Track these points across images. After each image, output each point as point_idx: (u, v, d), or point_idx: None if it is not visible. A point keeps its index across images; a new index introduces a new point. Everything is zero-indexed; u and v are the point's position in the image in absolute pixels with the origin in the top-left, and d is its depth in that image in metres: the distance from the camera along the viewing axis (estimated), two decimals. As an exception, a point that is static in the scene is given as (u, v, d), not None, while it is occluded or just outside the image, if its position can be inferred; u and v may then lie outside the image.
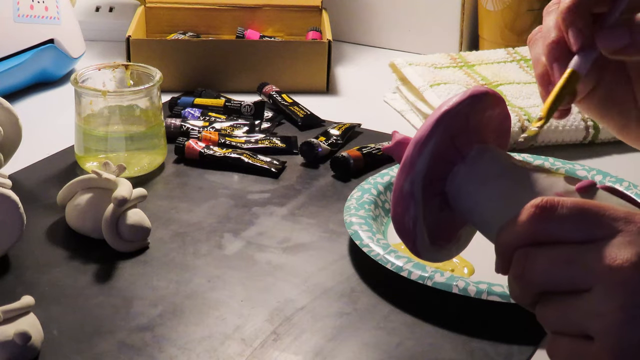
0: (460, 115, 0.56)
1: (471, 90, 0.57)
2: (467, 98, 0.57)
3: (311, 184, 0.98)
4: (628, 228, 0.49)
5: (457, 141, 0.57)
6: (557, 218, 0.50)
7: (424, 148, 0.55)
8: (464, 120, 0.57)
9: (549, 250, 0.50)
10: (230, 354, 0.70)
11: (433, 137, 0.55)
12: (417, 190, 0.55)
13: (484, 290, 0.73)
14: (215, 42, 1.24)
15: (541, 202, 0.51)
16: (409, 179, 0.55)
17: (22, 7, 1.17)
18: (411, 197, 0.55)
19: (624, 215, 0.50)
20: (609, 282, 0.49)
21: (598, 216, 0.50)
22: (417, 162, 0.55)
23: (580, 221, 0.50)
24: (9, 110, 0.94)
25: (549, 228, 0.51)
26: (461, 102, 0.56)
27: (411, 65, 1.18)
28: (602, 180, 0.91)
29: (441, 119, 0.56)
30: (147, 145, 0.99)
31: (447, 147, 0.56)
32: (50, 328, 0.71)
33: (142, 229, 0.84)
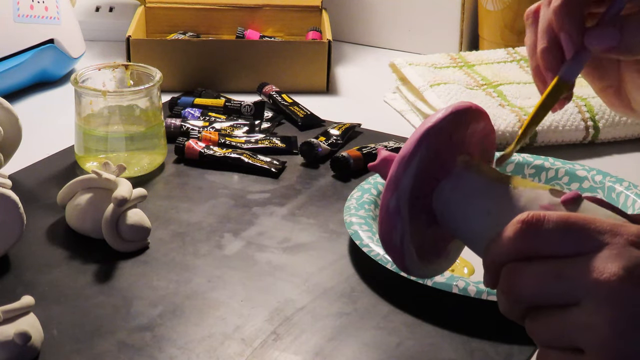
0: (443, 131, 0.57)
1: (453, 106, 0.57)
2: (449, 114, 0.57)
3: (311, 184, 0.98)
4: (614, 240, 0.49)
5: (441, 157, 0.57)
6: (543, 233, 0.50)
7: (407, 166, 0.56)
8: (447, 136, 0.57)
9: (537, 265, 0.50)
10: (230, 354, 0.70)
11: (417, 155, 0.56)
12: (403, 208, 0.56)
13: (484, 290, 0.73)
14: (215, 42, 1.24)
15: (527, 217, 0.51)
16: (395, 196, 0.56)
17: (22, 7, 1.17)
18: (397, 214, 0.56)
19: (609, 227, 0.50)
20: (598, 295, 0.48)
21: (584, 229, 0.50)
22: (401, 180, 0.56)
23: (566, 235, 0.50)
24: (9, 110, 0.94)
25: (535, 243, 0.50)
26: (443, 119, 0.56)
27: (411, 65, 1.18)
28: (602, 180, 0.91)
29: (424, 136, 0.56)
30: (147, 145, 0.99)
31: (431, 164, 0.56)
32: (50, 328, 0.71)
33: (142, 229, 0.84)
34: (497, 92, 1.14)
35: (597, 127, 1.07)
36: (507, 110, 1.08)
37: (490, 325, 0.73)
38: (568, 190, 0.92)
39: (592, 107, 1.08)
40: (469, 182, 0.57)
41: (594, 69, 0.67)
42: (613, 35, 0.60)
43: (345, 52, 1.41)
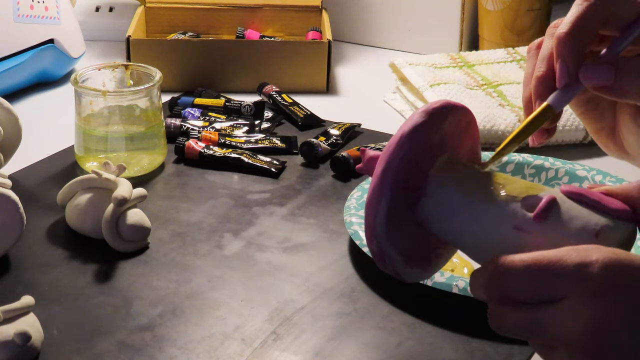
0: (418, 138, 0.57)
1: (426, 108, 0.57)
2: (418, 124, 0.57)
3: (311, 184, 0.98)
4: (578, 290, 0.50)
5: (422, 164, 0.57)
6: (510, 283, 0.52)
7: (385, 181, 0.56)
8: (424, 141, 0.57)
9: (513, 312, 0.52)
10: (230, 354, 0.70)
11: (392, 169, 0.56)
12: (381, 226, 0.56)
13: None
14: (215, 42, 1.24)
15: (493, 269, 0.52)
16: (376, 216, 0.56)
17: (22, 7, 1.17)
18: (381, 231, 0.56)
19: (574, 268, 0.50)
20: (570, 348, 0.51)
21: (547, 276, 0.51)
22: (382, 199, 0.56)
23: (531, 283, 0.51)
24: (9, 110, 0.94)
25: (506, 293, 0.52)
26: (415, 128, 0.56)
27: (411, 65, 1.18)
28: (602, 180, 0.91)
29: (398, 149, 0.56)
30: (147, 145, 0.99)
31: (410, 174, 0.57)
32: (50, 328, 0.71)
33: (142, 229, 0.84)
34: (497, 92, 1.14)
35: (597, 127, 1.07)
36: (507, 110, 1.08)
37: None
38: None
39: (592, 107, 1.08)
40: (442, 197, 0.57)
41: (590, 109, 0.67)
42: (608, 73, 0.60)
43: (345, 52, 1.41)
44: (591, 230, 0.53)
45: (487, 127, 1.04)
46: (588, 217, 0.53)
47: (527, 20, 1.30)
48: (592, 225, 0.53)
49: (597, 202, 0.54)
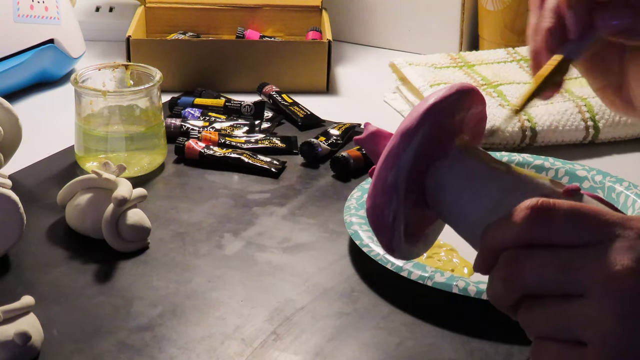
0: (447, 110, 0.55)
1: (458, 86, 0.56)
2: (455, 93, 0.55)
3: (311, 184, 0.98)
4: (625, 233, 0.48)
5: (442, 136, 0.55)
6: (553, 221, 0.49)
7: (411, 140, 0.54)
8: (450, 115, 0.56)
9: (543, 253, 0.49)
10: (230, 354, 0.70)
11: (420, 129, 0.54)
12: (400, 184, 0.54)
13: (484, 290, 0.73)
14: (215, 42, 1.24)
15: (537, 203, 0.49)
16: (394, 171, 0.54)
17: (22, 7, 1.17)
18: (394, 190, 0.54)
19: (619, 219, 0.49)
20: (606, 288, 0.47)
21: (595, 220, 0.49)
22: (402, 155, 0.54)
23: (576, 224, 0.49)
24: (9, 110, 0.94)
25: (544, 231, 0.49)
26: (449, 96, 0.55)
27: (411, 65, 1.18)
28: (602, 180, 0.91)
29: (429, 111, 0.54)
30: (147, 145, 0.99)
31: (432, 141, 0.55)
32: (50, 328, 0.71)
33: (142, 229, 0.84)
34: (497, 92, 1.14)
35: (597, 127, 1.07)
36: (507, 110, 1.08)
37: (490, 325, 0.73)
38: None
39: (592, 107, 1.08)
40: (467, 164, 0.55)
41: (596, 65, 0.66)
42: (627, 14, 0.58)
43: (345, 52, 1.41)
44: None
45: (487, 127, 1.04)
46: (608, 209, 0.52)
47: (527, 20, 1.30)
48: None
49: (615, 207, 0.53)
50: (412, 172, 0.54)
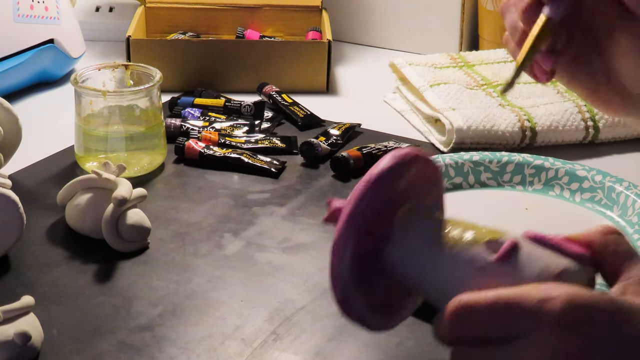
0: (382, 188, 0.58)
1: (390, 159, 0.59)
2: (387, 170, 0.58)
3: (311, 184, 0.98)
4: (540, 325, 0.50)
5: (385, 212, 0.59)
6: (473, 321, 0.52)
7: (349, 234, 0.57)
8: (387, 190, 0.58)
9: (477, 352, 0.52)
10: (230, 354, 0.70)
11: (357, 215, 0.57)
12: (345, 274, 0.57)
13: None
14: (215, 42, 1.25)
15: (457, 306, 0.52)
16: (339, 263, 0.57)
17: (22, 7, 1.17)
18: (340, 278, 0.57)
19: (536, 303, 0.50)
20: None
21: (509, 312, 0.51)
22: (344, 248, 0.57)
23: (494, 321, 0.51)
24: (9, 110, 0.94)
25: (469, 331, 0.52)
26: (380, 176, 0.58)
27: (411, 65, 1.18)
28: (602, 180, 0.91)
29: (363, 196, 0.57)
30: (147, 145, 0.99)
31: (375, 222, 0.58)
32: (50, 328, 0.71)
33: (142, 229, 0.84)
34: (497, 92, 1.14)
35: (597, 127, 1.07)
36: (507, 110, 1.08)
37: (490, 325, 0.73)
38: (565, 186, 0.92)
39: (592, 107, 1.08)
40: (409, 247, 0.58)
41: (579, 68, 0.69)
42: None
43: (345, 52, 1.41)
44: (552, 272, 0.54)
45: (487, 127, 1.04)
46: (549, 260, 0.55)
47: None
48: (552, 267, 0.54)
49: (558, 245, 0.55)
50: (360, 257, 0.58)
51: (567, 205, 0.91)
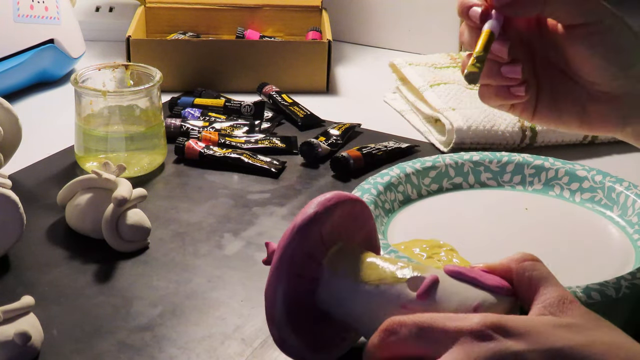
0: (307, 233, 0.62)
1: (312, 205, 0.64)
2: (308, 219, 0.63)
3: (311, 184, 0.98)
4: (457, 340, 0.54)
5: (313, 255, 0.63)
6: (401, 339, 0.57)
7: (278, 273, 0.62)
8: (313, 235, 0.63)
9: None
10: (230, 354, 0.70)
11: (285, 261, 0.62)
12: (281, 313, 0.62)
13: None
14: (215, 42, 1.25)
15: (387, 326, 0.57)
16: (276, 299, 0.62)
17: (22, 7, 1.17)
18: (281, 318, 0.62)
19: (455, 323, 0.55)
20: None
21: (433, 331, 0.56)
22: (277, 288, 0.62)
23: (419, 339, 0.56)
24: (9, 110, 0.94)
25: (397, 348, 0.57)
26: (305, 222, 0.63)
27: (411, 65, 1.18)
28: (602, 180, 0.91)
29: (290, 242, 0.62)
30: (147, 145, 0.99)
31: (304, 265, 0.62)
32: (50, 328, 0.71)
33: (142, 229, 0.84)
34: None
35: (597, 127, 1.07)
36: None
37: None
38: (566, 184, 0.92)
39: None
40: (338, 287, 0.63)
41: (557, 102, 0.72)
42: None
43: (345, 52, 1.41)
44: (469, 305, 0.58)
45: (487, 127, 1.04)
46: (467, 293, 0.59)
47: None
48: (469, 301, 0.58)
49: (475, 279, 0.59)
50: (293, 299, 0.62)
51: (567, 205, 0.91)
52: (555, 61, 0.72)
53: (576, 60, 0.70)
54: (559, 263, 0.81)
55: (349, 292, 0.63)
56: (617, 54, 0.69)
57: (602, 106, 0.71)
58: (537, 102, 0.72)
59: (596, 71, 0.69)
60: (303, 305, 0.63)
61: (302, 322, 0.63)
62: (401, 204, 0.90)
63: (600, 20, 0.68)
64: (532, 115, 0.73)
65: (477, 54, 0.66)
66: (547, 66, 0.72)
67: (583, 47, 0.68)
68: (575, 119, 0.72)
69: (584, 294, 0.72)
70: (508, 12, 0.69)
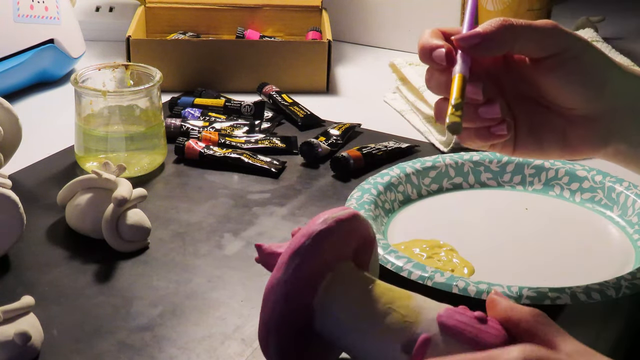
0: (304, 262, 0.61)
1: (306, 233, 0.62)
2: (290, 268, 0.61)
3: (311, 184, 0.98)
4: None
5: (310, 283, 0.62)
6: None
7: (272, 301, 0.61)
8: (309, 264, 0.61)
9: None
10: (230, 354, 0.70)
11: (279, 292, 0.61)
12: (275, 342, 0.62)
13: (484, 290, 0.73)
14: (215, 42, 1.25)
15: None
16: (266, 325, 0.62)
17: (22, 7, 1.17)
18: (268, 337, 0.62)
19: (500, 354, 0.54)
20: None
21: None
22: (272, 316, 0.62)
23: None
24: (9, 110, 0.94)
25: None
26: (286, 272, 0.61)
27: (411, 65, 1.18)
28: (602, 180, 0.91)
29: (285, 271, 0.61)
30: (147, 145, 0.99)
31: (300, 292, 0.61)
32: (50, 328, 0.71)
33: (142, 229, 0.84)
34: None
35: (597, 127, 1.07)
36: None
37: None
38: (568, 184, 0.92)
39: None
40: (332, 319, 0.62)
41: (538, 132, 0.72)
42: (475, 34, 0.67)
43: (345, 52, 1.41)
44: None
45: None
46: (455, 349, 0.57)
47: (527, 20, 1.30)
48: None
49: (473, 337, 0.57)
50: (287, 325, 0.62)
51: (567, 205, 0.91)
52: (527, 93, 0.71)
53: (550, 90, 0.69)
54: (559, 263, 0.82)
55: (344, 326, 0.62)
56: (591, 75, 0.69)
57: (581, 130, 0.71)
58: (516, 137, 0.72)
59: (572, 97, 0.69)
60: (296, 328, 0.63)
61: (294, 345, 0.63)
62: (401, 204, 0.90)
63: (569, 47, 0.68)
64: (513, 150, 0.72)
65: (455, 101, 0.64)
66: (520, 100, 0.71)
67: (556, 76, 0.68)
68: (556, 147, 0.72)
69: (584, 294, 0.72)
70: (476, 53, 0.67)
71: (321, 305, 0.62)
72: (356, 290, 0.63)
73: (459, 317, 0.58)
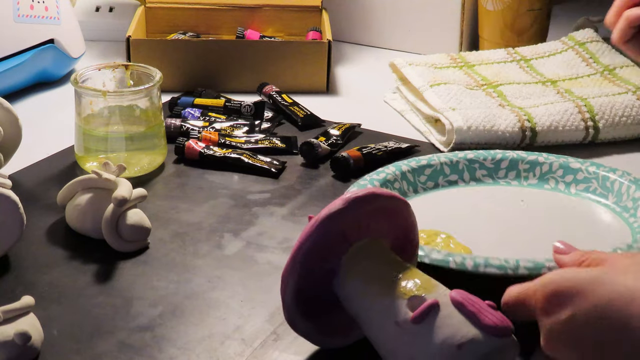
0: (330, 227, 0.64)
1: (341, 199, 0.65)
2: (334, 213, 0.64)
3: (311, 184, 0.98)
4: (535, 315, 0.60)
5: (334, 248, 0.65)
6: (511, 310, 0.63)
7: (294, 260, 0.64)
8: (336, 230, 0.64)
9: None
10: (230, 354, 0.70)
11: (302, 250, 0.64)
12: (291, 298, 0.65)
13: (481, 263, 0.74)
14: (215, 42, 1.25)
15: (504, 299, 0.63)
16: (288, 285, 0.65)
17: (22, 7, 1.17)
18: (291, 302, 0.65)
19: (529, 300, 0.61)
20: None
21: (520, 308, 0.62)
22: (291, 275, 0.65)
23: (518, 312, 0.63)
24: (9, 110, 0.94)
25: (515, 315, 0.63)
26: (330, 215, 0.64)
27: (411, 65, 1.18)
28: (596, 170, 0.92)
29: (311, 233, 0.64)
30: (147, 145, 0.99)
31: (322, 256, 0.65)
32: (50, 328, 0.71)
33: (142, 229, 0.84)
34: (497, 92, 1.14)
35: (597, 127, 1.07)
36: (507, 110, 1.08)
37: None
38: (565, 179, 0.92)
39: (592, 107, 1.08)
40: (349, 284, 0.65)
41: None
42: None
43: (345, 52, 1.41)
44: (455, 342, 0.58)
45: (487, 127, 1.04)
46: (458, 327, 0.59)
47: (527, 20, 1.30)
48: (458, 336, 0.58)
49: (473, 314, 0.59)
50: (306, 287, 0.65)
51: (563, 197, 0.92)
52: None
53: None
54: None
55: (357, 294, 0.64)
56: None
57: None
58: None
59: None
60: (316, 293, 0.65)
61: (312, 309, 0.65)
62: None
63: None
64: None
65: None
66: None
67: None
68: None
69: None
70: None
71: (346, 265, 0.65)
72: (382, 265, 0.65)
73: (471, 297, 0.61)
